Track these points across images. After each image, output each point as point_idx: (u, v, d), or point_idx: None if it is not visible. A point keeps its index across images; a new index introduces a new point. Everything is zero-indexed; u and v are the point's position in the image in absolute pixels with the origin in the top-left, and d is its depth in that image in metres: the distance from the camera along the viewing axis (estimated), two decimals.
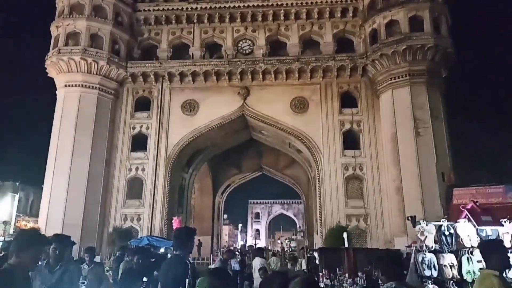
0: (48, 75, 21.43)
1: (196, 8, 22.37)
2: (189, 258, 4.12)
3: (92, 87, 20.86)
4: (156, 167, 20.86)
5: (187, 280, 3.55)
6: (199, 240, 22.72)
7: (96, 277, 6.01)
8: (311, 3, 21.75)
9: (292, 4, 21.84)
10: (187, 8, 22.43)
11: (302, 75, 21.22)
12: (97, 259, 12.25)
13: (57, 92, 21.17)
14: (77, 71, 20.56)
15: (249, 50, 22.31)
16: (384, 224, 18.87)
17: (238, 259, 12.74)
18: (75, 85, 20.69)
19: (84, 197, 19.29)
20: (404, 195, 17.83)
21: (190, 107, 21.61)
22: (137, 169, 21.07)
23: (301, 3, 21.78)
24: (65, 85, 20.76)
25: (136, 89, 22.32)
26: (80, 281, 4.53)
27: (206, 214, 29.72)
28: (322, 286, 6.60)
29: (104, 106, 21.17)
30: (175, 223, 20.33)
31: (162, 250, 15.40)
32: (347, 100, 21.03)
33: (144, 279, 4.68)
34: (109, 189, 20.74)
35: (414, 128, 18.32)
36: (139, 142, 21.46)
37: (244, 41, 22.46)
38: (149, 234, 18.97)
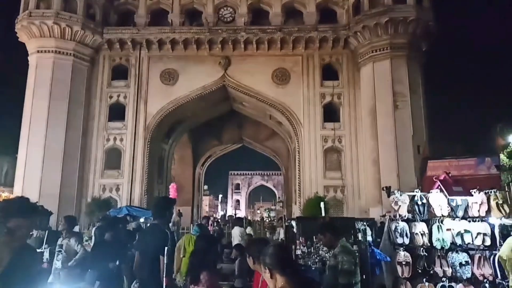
0: (19, 39, 20.40)
1: None
2: (170, 227, 4.14)
3: (67, 53, 20.03)
4: (134, 137, 20.56)
5: (166, 248, 3.57)
6: (179, 210, 22.82)
7: (71, 248, 5.94)
8: None
9: None
10: None
11: (284, 46, 20.93)
12: (76, 229, 12.19)
13: (29, 58, 20.25)
14: (50, 36, 19.64)
15: (231, 18, 21.72)
16: (361, 195, 19.42)
17: (216, 228, 12.97)
18: (48, 51, 19.81)
19: (61, 166, 18.95)
20: (381, 167, 18.28)
21: (169, 77, 21.12)
22: (115, 139, 20.72)
23: None
24: (38, 51, 19.85)
25: (112, 57, 21.58)
26: (57, 249, 4.50)
27: (186, 185, 29.76)
28: (299, 253, 6.81)
29: (80, 74, 20.45)
30: (172, 189, 20.44)
31: (141, 220, 15.45)
32: (329, 73, 20.99)
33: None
34: (86, 159, 20.41)
35: (393, 102, 18.57)
36: (117, 112, 20.99)
37: (225, 8, 21.80)
38: (128, 204, 18.93)
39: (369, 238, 6.13)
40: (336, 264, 4.40)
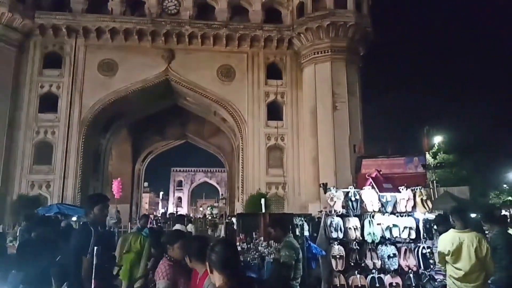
0: None
1: None
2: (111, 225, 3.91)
3: None
4: (68, 130, 19.27)
5: (89, 248, 3.35)
6: (116, 207, 21.84)
7: None
8: None
9: None
10: None
11: (229, 43, 20.87)
12: None
13: None
14: None
15: (175, 11, 21.16)
16: (301, 191, 20.03)
17: (150, 226, 12.61)
18: None
19: None
20: (320, 165, 19.00)
21: (108, 68, 20.07)
22: (46, 132, 19.27)
23: None
24: None
25: (45, 43, 20.02)
26: None
27: (124, 181, 28.41)
28: (239, 249, 6.83)
29: (5, 59, 18.73)
30: (115, 185, 19.31)
31: (74, 218, 14.53)
32: (273, 72, 21.33)
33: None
34: (13, 153, 18.75)
35: (332, 103, 19.36)
36: (48, 103, 19.52)
37: (169, 0, 21.19)
38: (60, 202, 17.71)
39: (306, 233, 6.34)
40: (279, 258, 4.60)
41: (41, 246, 5.15)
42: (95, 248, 3.32)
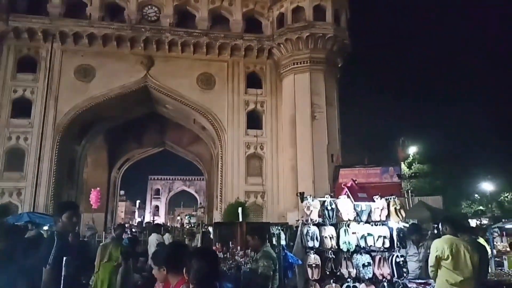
0: None
1: None
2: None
3: None
4: (42, 136, 18.72)
5: (50, 258, 3.21)
6: (92, 217, 21.27)
7: None
8: None
9: None
10: None
11: (210, 51, 20.90)
12: None
13: None
14: None
15: (155, 18, 21.06)
16: (279, 200, 20.08)
17: (129, 236, 12.36)
18: None
19: None
20: (298, 174, 19.13)
21: (85, 73, 19.70)
22: (18, 138, 18.66)
23: None
24: None
25: (19, 47, 19.50)
26: None
27: (100, 189, 27.84)
28: None
29: None
30: (93, 194, 18.73)
31: (45, 227, 14.03)
32: (253, 81, 21.47)
33: None
34: None
35: (311, 112, 19.60)
36: (21, 108, 18.93)
37: (150, 7, 21.08)
38: (31, 210, 17.10)
39: (283, 242, 6.34)
40: (256, 268, 4.56)
41: (7, 256, 4.95)
42: (64, 258, 3.21)
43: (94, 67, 19.81)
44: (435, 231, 10.96)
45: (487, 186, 28.44)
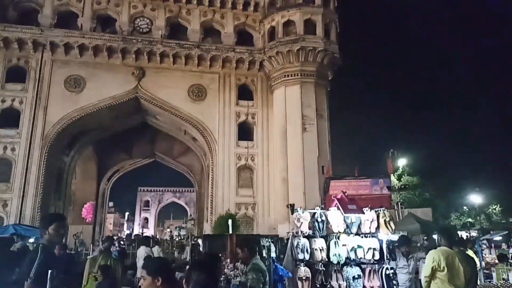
0: None
1: None
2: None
3: None
4: (29, 147, 18.46)
5: (32, 272, 3.13)
6: (81, 230, 20.97)
7: None
8: None
9: None
10: None
11: (201, 63, 21.00)
12: None
13: None
14: None
15: (147, 29, 21.15)
16: (270, 212, 20.00)
17: (117, 249, 12.16)
18: None
19: None
20: (289, 186, 19.12)
21: (75, 83, 19.58)
22: (5, 148, 18.37)
23: None
24: None
25: (8, 57, 19.36)
26: None
27: (88, 201, 27.46)
28: None
29: None
30: (86, 207, 18.39)
31: (31, 240, 13.73)
32: (244, 92, 21.58)
33: None
34: None
35: (302, 124, 19.72)
36: (9, 118, 18.69)
37: (141, 19, 21.18)
38: (17, 222, 16.75)
39: (273, 255, 6.31)
40: (245, 281, 4.53)
41: None
42: (49, 271, 3.14)
43: (84, 78, 19.71)
44: (425, 243, 11.01)
45: (475, 199, 28.77)
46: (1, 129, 18.52)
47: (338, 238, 6.07)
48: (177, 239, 32.98)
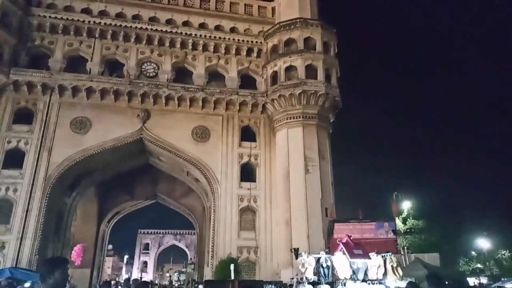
0: None
1: (100, 23, 21.27)
2: None
3: None
4: (32, 188, 18.39)
5: None
6: (71, 274, 20.29)
7: None
8: (219, 38, 22.54)
9: (200, 35, 22.32)
10: (89, 21, 21.18)
11: (206, 105, 21.44)
12: None
13: None
14: None
15: (154, 74, 21.83)
16: (273, 257, 19.46)
17: None
18: None
19: None
20: (292, 228, 18.77)
21: (81, 125, 19.90)
22: (7, 189, 18.31)
23: (210, 36, 22.41)
24: None
25: (17, 99, 19.84)
26: None
27: (88, 243, 26.91)
28: None
29: None
30: (76, 250, 17.85)
31: (27, 284, 13.31)
32: (247, 134, 21.81)
33: None
34: None
35: (304, 166, 19.72)
36: (13, 159, 18.78)
37: (149, 63, 21.93)
38: (14, 265, 16.31)
39: None
40: None
41: None
42: None
43: (90, 119, 20.06)
44: None
45: (483, 243, 27.97)
46: (5, 169, 18.55)
47: (345, 285, 5.87)
48: (176, 284, 31.91)
